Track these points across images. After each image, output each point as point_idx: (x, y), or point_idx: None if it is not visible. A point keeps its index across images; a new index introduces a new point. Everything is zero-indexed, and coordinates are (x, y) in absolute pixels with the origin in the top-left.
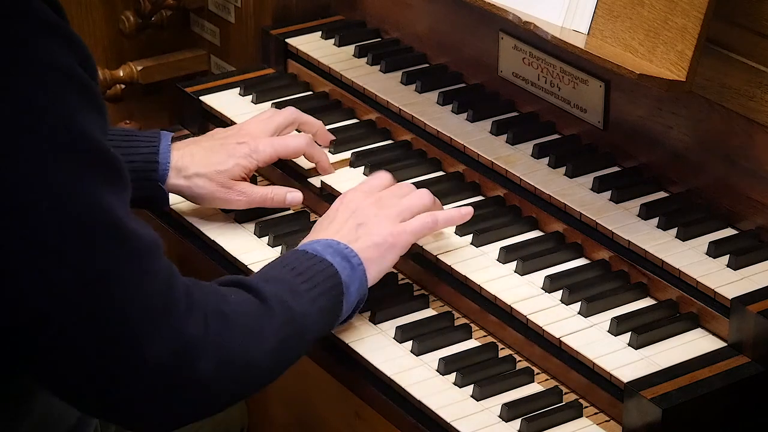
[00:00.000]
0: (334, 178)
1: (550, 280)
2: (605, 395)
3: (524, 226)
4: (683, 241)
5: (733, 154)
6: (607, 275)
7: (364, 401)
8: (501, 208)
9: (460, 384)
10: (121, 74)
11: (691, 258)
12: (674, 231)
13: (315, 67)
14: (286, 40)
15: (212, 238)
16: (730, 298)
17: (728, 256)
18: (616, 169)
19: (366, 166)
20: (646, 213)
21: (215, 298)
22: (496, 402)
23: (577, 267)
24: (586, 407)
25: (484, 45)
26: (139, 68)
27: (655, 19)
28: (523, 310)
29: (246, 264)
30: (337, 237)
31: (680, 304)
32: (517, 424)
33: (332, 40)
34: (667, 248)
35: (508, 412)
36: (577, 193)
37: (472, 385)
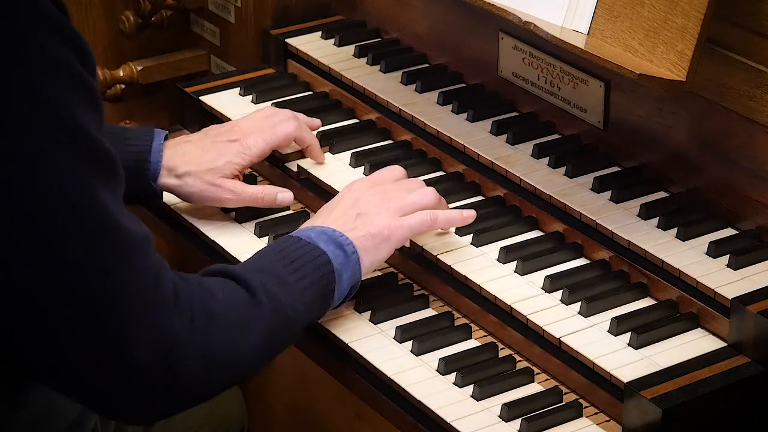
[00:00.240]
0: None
1: (550, 280)
2: (605, 395)
3: (524, 226)
4: (683, 241)
5: (733, 154)
6: (607, 275)
7: (364, 401)
8: (501, 208)
9: (460, 384)
10: (121, 74)
11: (691, 258)
12: (674, 231)
13: (315, 67)
14: (286, 40)
15: (212, 238)
16: (730, 298)
17: (728, 256)
18: (616, 169)
19: (366, 166)
20: (646, 213)
21: (203, 295)
22: (496, 402)
23: (577, 267)
24: (586, 407)
25: (484, 45)
26: (139, 68)
27: (655, 19)
28: (523, 310)
29: None
30: (335, 225)
31: (680, 304)
32: (517, 424)
33: (332, 40)
34: (667, 248)
35: (508, 412)
36: (577, 193)
37: (472, 385)
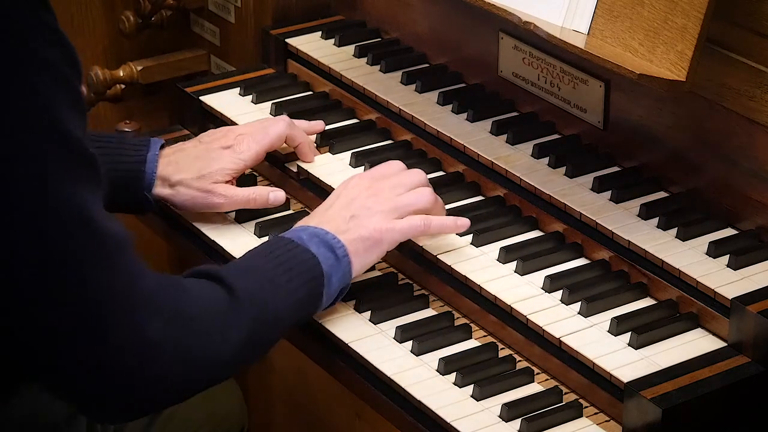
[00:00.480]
0: (335, 179)
1: (550, 280)
2: (605, 395)
3: (524, 226)
4: (683, 241)
5: (733, 154)
6: (607, 275)
7: (364, 401)
8: (501, 208)
9: (460, 384)
10: (121, 74)
11: (691, 258)
12: (674, 231)
13: (315, 67)
14: (286, 40)
15: (212, 238)
16: (730, 298)
17: (728, 256)
18: (616, 169)
19: (366, 166)
20: (646, 213)
21: (181, 296)
22: (496, 402)
23: (577, 267)
24: (586, 407)
25: (484, 45)
26: (139, 68)
27: (655, 19)
28: (523, 310)
29: None
30: (329, 227)
31: (680, 304)
32: (517, 424)
33: (332, 40)
34: (667, 248)
35: (508, 412)
36: (577, 193)
37: (472, 385)
